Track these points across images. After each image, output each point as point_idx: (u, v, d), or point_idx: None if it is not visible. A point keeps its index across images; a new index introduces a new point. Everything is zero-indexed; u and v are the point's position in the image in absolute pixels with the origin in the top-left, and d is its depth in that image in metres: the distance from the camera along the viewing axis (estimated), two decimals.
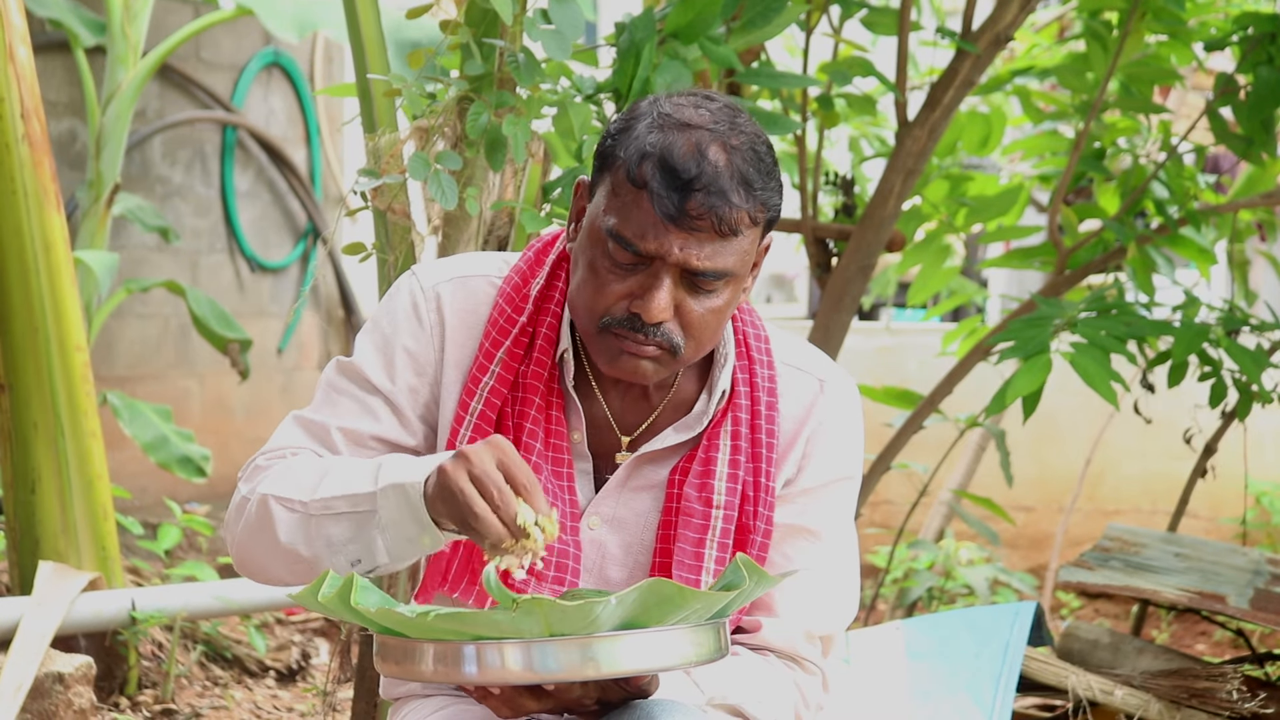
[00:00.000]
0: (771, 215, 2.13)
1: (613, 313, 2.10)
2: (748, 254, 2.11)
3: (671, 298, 2.07)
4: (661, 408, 2.25)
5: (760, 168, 2.08)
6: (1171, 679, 3.81)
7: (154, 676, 4.67)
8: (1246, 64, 4.23)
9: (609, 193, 2.10)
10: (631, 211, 2.06)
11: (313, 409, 2.26)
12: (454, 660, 1.88)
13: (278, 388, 7.40)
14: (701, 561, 2.21)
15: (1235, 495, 6.38)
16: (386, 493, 2.05)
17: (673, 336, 2.10)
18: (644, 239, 2.05)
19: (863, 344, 7.37)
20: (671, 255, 2.05)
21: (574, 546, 2.22)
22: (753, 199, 2.07)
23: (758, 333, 2.28)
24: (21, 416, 4.41)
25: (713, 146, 2.06)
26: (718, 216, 2.04)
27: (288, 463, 2.19)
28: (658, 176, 2.04)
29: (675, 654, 1.90)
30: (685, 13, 3.29)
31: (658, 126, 2.08)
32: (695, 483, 2.21)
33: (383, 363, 2.24)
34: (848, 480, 2.31)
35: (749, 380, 2.24)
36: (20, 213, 4.31)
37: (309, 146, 7.53)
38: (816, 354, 2.34)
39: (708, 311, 2.11)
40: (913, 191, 4.40)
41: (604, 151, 2.13)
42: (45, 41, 6.04)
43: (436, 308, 2.25)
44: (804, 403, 2.28)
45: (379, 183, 3.09)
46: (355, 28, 3.33)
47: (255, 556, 2.19)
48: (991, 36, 4.02)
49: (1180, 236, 4.51)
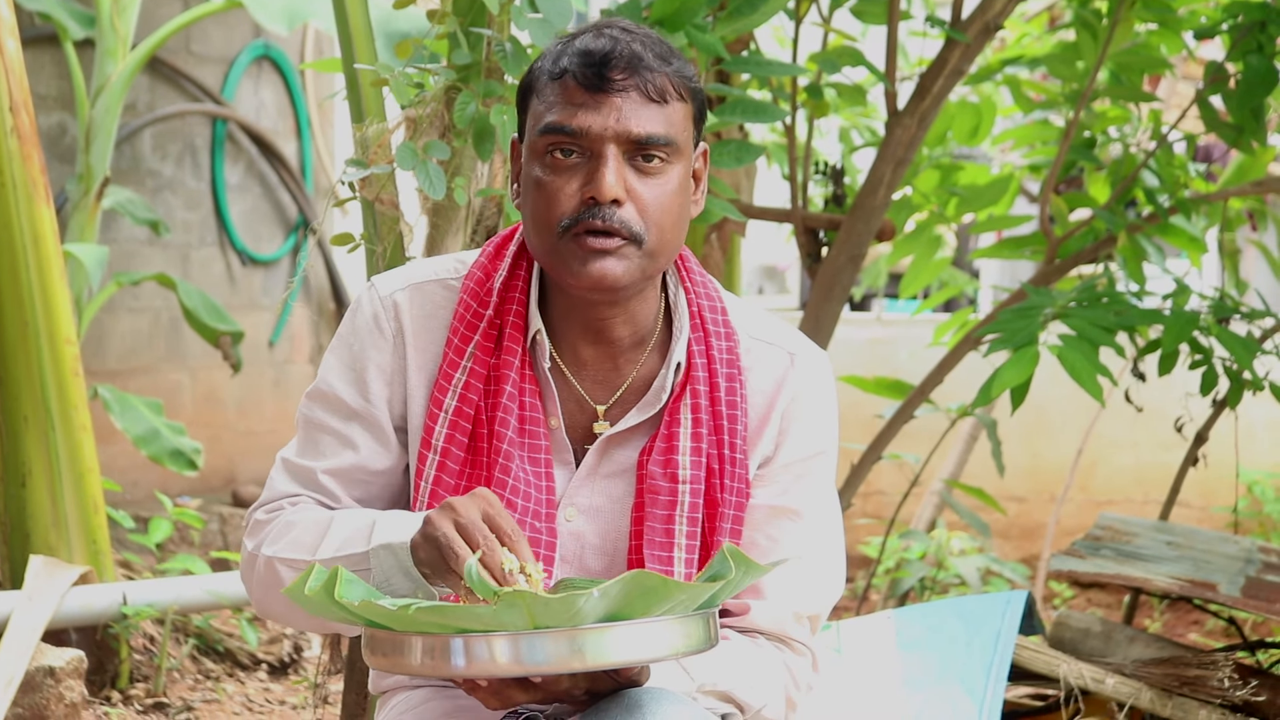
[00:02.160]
0: (697, 100, 2.18)
1: (569, 211, 2.13)
2: (684, 131, 2.15)
3: (619, 175, 2.11)
4: (631, 380, 2.25)
5: (668, 47, 2.16)
6: (1163, 667, 3.81)
7: (145, 670, 4.67)
8: (1236, 52, 4.23)
9: (535, 109, 2.16)
10: (559, 100, 2.12)
11: (297, 451, 2.28)
12: (442, 653, 1.88)
13: (269, 381, 7.40)
14: (673, 538, 2.21)
15: (1227, 484, 6.40)
16: (378, 552, 2.08)
17: (631, 224, 2.12)
18: (576, 116, 2.10)
19: (854, 334, 7.37)
20: (608, 127, 2.10)
21: (548, 534, 2.22)
22: (670, 66, 2.14)
23: (713, 304, 2.29)
24: (12, 410, 4.40)
25: (618, 31, 2.14)
26: (642, 79, 2.10)
27: (287, 516, 2.22)
28: (575, 60, 2.12)
29: (664, 645, 1.90)
30: (670, 1, 3.28)
31: (562, 40, 2.17)
32: (659, 459, 2.22)
33: (353, 380, 2.26)
34: (825, 454, 2.31)
35: (705, 353, 2.25)
36: (9, 206, 4.31)
37: (300, 139, 7.52)
38: (785, 327, 2.34)
39: (661, 194, 2.13)
40: (903, 181, 4.40)
41: (522, 88, 2.21)
42: (34, 34, 6.02)
43: (395, 316, 2.27)
44: (775, 377, 2.28)
45: (367, 173, 3.08)
46: (344, 18, 3.33)
47: (274, 609, 2.24)
48: (981, 25, 4.01)
49: (1171, 225, 4.51)
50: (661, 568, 2.20)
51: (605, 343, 2.24)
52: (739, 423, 2.24)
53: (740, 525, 2.25)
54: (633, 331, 2.24)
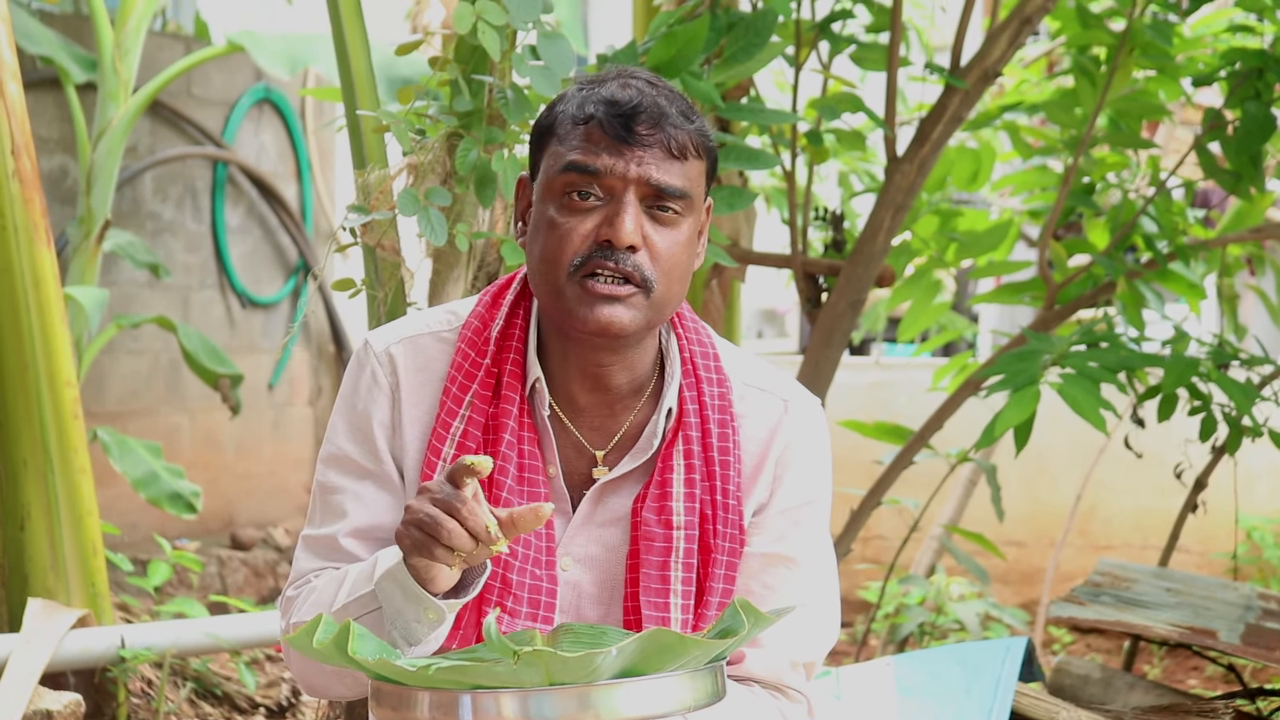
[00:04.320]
0: (711, 159, 2.20)
1: (581, 251, 2.13)
2: (698, 187, 2.17)
3: (638, 221, 2.12)
4: (626, 426, 2.25)
5: (689, 104, 2.18)
6: (1163, 714, 3.80)
7: (143, 714, 4.65)
8: (1234, 99, 4.25)
9: (555, 150, 2.16)
10: (583, 142, 2.13)
11: (316, 524, 2.29)
12: (450, 709, 1.87)
13: (269, 423, 7.40)
14: (669, 584, 2.21)
15: (1226, 530, 6.39)
16: (382, 585, 2.09)
17: (644, 269, 2.13)
18: (601, 159, 2.11)
19: (853, 379, 7.37)
20: (630, 171, 2.11)
21: (548, 582, 2.22)
22: (692, 125, 2.16)
23: (705, 350, 2.29)
24: (11, 452, 4.40)
25: (644, 84, 2.15)
26: (666, 135, 2.12)
27: (311, 586, 2.24)
28: (602, 108, 2.13)
29: (674, 700, 1.89)
30: (668, 47, 3.30)
31: (585, 86, 2.18)
32: (654, 506, 2.22)
33: (361, 439, 2.27)
34: (819, 501, 2.31)
35: (697, 398, 2.25)
36: (10, 248, 4.31)
37: (300, 182, 7.54)
38: (778, 374, 2.35)
39: (672, 245, 2.14)
40: (902, 227, 4.41)
41: (539, 129, 2.21)
42: (36, 78, 6.05)
43: (391, 370, 2.28)
44: (768, 424, 2.29)
45: (369, 219, 3.09)
46: (345, 63, 3.34)
47: (315, 682, 2.26)
48: (980, 72, 4.03)
49: (1169, 271, 4.52)
50: (659, 614, 2.20)
51: (603, 390, 2.24)
52: (731, 468, 2.25)
53: (734, 571, 2.25)
54: (630, 379, 2.25)
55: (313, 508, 2.31)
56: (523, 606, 2.19)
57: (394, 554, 2.09)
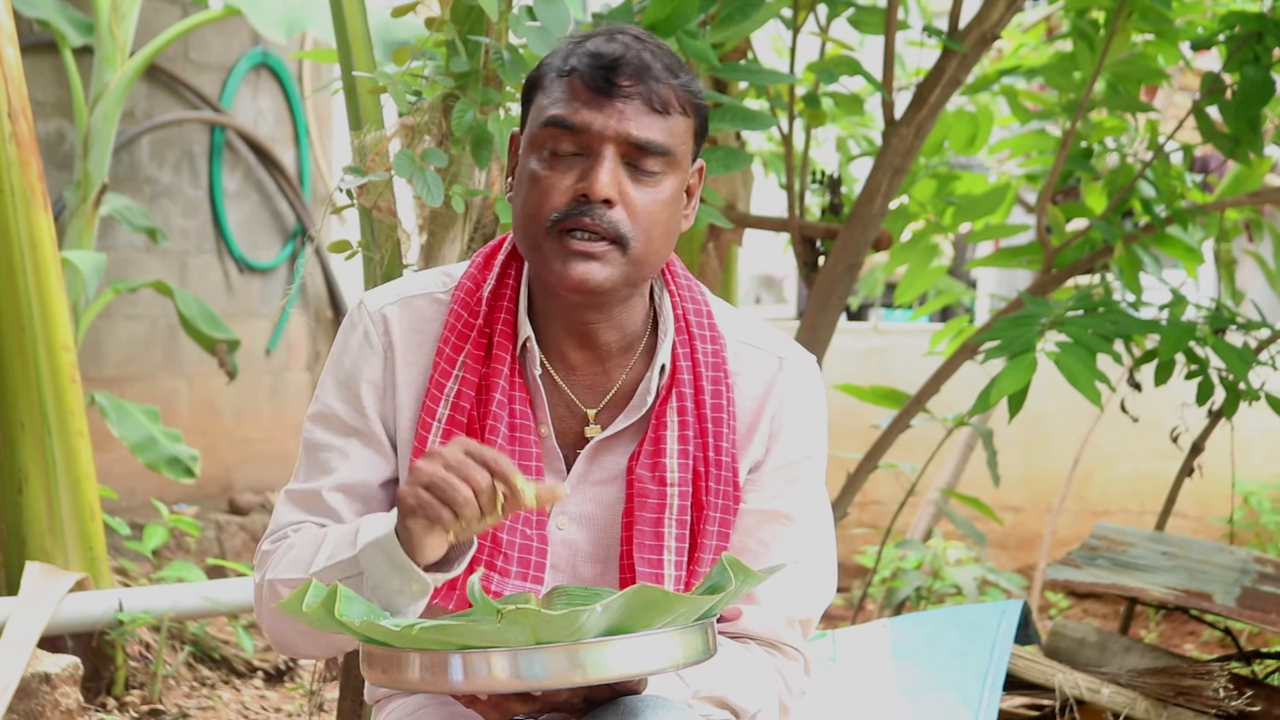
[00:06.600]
0: (700, 117, 2.19)
1: (559, 206, 2.13)
2: (683, 144, 2.16)
3: (614, 176, 2.11)
4: (619, 384, 2.26)
5: (677, 60, 2.17)
6: (1158, 677, 3.81)
7: (141, 677, 4.66)
8: (1233, 63, 4.24)
9: (539, 104, 2.16)
10: (565, 96, 2.13)
11: (300, 479, 2.29)
12: (440, 669, 1.88)
13: (266, 388, 7.40)
14: (662, 541, 2.21)
15: (1223, 494, 6.40)
16: (366, 551, 2.08)
17: (619, 225, 2.12)
18: (579, 112, 2.11)
19: (850, 344, 7.37)
20: (609, 127, 2.11)
21: (539, 541, 2.22)
22: (677, 80, 2.15)
23: (698, 307, 2.29)
24: (8, 416, 4.41)
25: (630, 39, 2.15)
26: (647, 87, 2.11)
27: (290, 541, 2.23)
28: (585, 60, 2.13)
29: (664, 657, 1.89)
30: (663, 6, 3.29)
31: (573, 42, 2.18)
32: (647, 463, 2.22)
33: (348, 397, 2.27)
34: (815, 458, 2.31)
35: (690, 355, 2.25)
36: (7, 213, 4.31)
37: (297, 147, 7.53)
38: (773, 331, 2.34)
39: (653, 202, 2.14)
40: (900, 190, 4.41)
41: (528, 83, 2.21)
42: (32, 41, 6.02)
43: (384, 330, 2.28)
44: (764, 380, 2.29)
45: (365, 180, 3.09)
46: (342, 26, 3.33)
47: (284, 637, 2.25)
48: (978, 35, 4.02)
49: (1167, 236, 4.52)
50: (652, 571, 2.20)
51: (593, 347, 2.24)
52: (725, 425, 2.25)
53: (727, 529, 2.25)
54: (620, 337, 2.25)
55: (298, 464, 2.31)
56: (513, 566, 2.20)
57: (379, 523, 2.09)
